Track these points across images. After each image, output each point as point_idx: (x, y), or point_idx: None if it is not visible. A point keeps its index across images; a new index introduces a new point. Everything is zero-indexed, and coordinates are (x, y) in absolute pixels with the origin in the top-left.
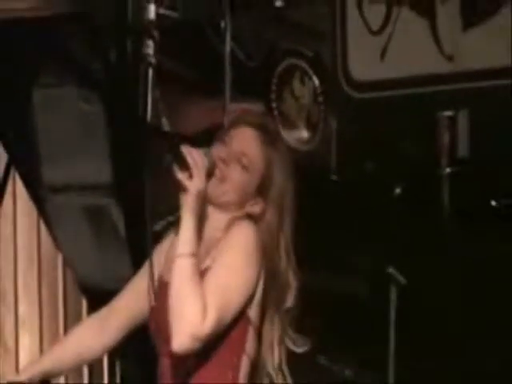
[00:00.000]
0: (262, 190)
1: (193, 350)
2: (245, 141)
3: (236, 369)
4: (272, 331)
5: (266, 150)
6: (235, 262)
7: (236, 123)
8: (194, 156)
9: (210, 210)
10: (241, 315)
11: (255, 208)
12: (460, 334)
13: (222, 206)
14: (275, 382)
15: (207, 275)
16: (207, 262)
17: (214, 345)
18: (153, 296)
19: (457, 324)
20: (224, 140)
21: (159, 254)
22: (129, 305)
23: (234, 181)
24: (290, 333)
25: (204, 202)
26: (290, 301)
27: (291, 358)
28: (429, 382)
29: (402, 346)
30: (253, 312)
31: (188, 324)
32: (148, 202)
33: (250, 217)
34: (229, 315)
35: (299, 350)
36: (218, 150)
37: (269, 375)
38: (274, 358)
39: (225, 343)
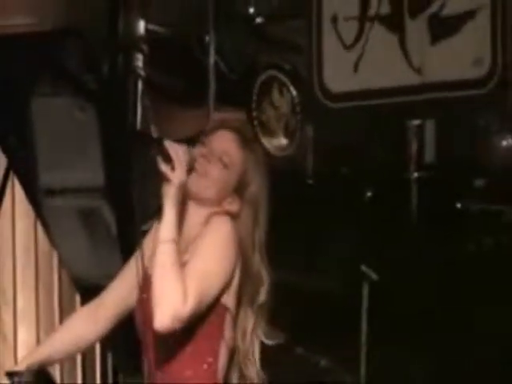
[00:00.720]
0: (239, 189)
1: (173, 330)
2: (225, 142)
3: (215, 355)
4: (246, 322)
5: (244, 151)
6: (213, 251)
7: (215, 128)
8: (176, 150)
9: (190, 205)
10: (219, 302)
11: (232, 206)
12: (428, 325)
13: (201, 202)
14: (244, 370)
15: (188, 263)
16: (186, 257)
17: (195, 332)
18: (139, 289)
19: (425, 316)
20: (205, 142)
21: (145, 250)
22: (117, 297)
23: (215, 177)
24: (263, 325)
25: (184, 195)
26: (263, 295)
27: (270, 348)
28: (399, 371)
29: (373, 338)
30: (230, 300)
31: (170, 305)
32: (137, 204)
33: (227, 213)
34: (207, 299)
35: (270, 342)
36: (199, 149)
37: (239, 363)
38: (244, 345)
39: (204, 330)
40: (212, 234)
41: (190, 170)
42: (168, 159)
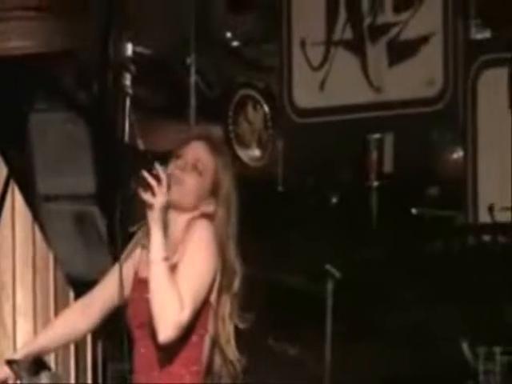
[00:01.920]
0: (213, 191)
1: (177, 337)
2: (197, 150)
3: (200, 346)
4: (224, 309)
5: (215, 157)
6: (199, 255)
7: (187, 140)
8: (154, 176)
9: (172, 213)
10: (204, 299)
11: (209, 207)
12: (385, 319)
13: (181, 209)
14: (226, 352)
15: (178, 269)
16: (175, 258)
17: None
18: (122, 291)
19: (383, 311)
20: (179, 155)
21: (131, 250)
22: (106, 293)
23: (191, 185)
24: (237, 311)
25: (167, 209)
26: (237, 284)
27: (243, 339)
28: (359, 360)
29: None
30: (213, 296)
31: (170, 317)
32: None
33: (204, 215)
34: (200, 300)
35: (244, 325)
36: (175, 162)
37: (221, 347)
38: (224, 331)
39: (191, 326)
40: (196, 239)
41: (169, 187)
42: (148, 187)
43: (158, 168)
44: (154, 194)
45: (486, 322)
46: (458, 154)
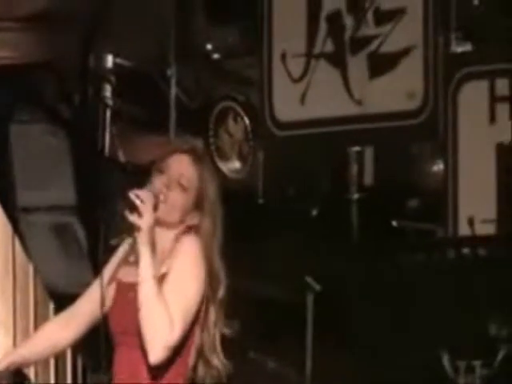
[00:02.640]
0: (198, 204)
1: (166, 359)
2: (180, 165)
3: (186, 359)
4: (210, 317)
5: (198, 169)
6: (188, 272)
7: (170, 152)
8: (140, 197)
9: (158, 228)
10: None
11: (194, 220)
12: (366, 329)
13: (167, 225)
14: (211, 360)
15: (167, 286)
16: (163, 269)
17: None
18: (103, 306)
19: (364, 320)
20: (162, 169)
21: (114, 264)
22: (88, 308)
23: (176, 202)
24: (222, 318)
25: (154, 227)
26: (222, 292)
27: (226, 353)
28: (339, 372)
29: (317, 342)
30: (201, 311)
31: (160, 338)
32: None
33: (190, 228)
34: (191, 318)
35: (229, 331)
36: (160, 179)
37: (205, 355)
38: (209, 339)
39: (180, 341)
40: (184, 255)
41: (156, 206)
42: (134, 208)
43: (144, 188)
44: (140, 215)
45: (466, 335)
46: (439, 167)
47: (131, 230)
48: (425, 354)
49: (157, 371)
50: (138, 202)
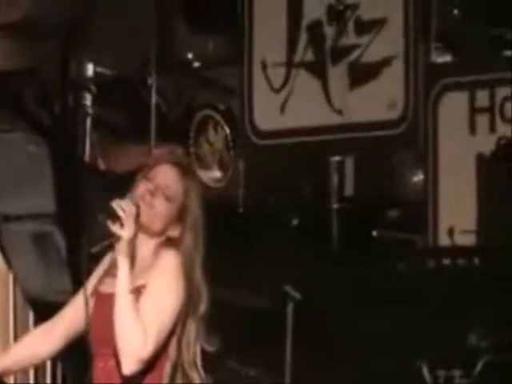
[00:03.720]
0: (180, 216)
1: (140, 370)
2: (167, 175)
3: (160, 372)
4: (190, 333)
5: (184, 182)
6: (165, 288)
7: (157, 162)
8: (123, 207)
9: (140, 236)
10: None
11: (175, 233)
12: (346, 339)
13: (149, 233)
14: (190, 374)
15: (144, 300)
16: (141, 281)
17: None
18: (88, 320)
19: (344, 329)
20: (149, 176)
21: (97, 273)
22: (69, 321)
23: (160, 210)
24: (203, 334)
25: (135, 239)
26: (202, 308)
27: (206, 363)
28: (319, 381)
29: (297, 351)
30: (178, 325)
31: (133, 351)
32: (85, 230)
33: (171, 241)
34: (165, 334)
35: (210, 348)
36: (145, 184)
37: (184, 371)
38: (189, 355)
39: (154, 354)
40: (163, 270)
41: (138, 215)
42: (116, 218)
43: (127, 199)
44: (122, 225)
45: (445, 345)
46: (419, 177)
47: (113, 239)
48: (404, 364)
49: (131, 382)
50: (120, 212)
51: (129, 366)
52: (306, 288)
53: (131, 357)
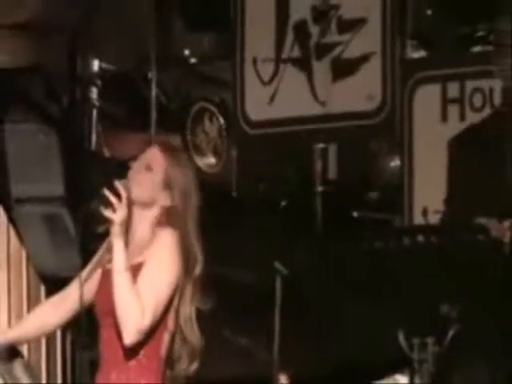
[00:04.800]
0: (167, 185)
1: (140, 340)
2: (150, 153)
3: (159, 339)
4: (186, 292)
5: (165, 154)
6: (163, 264)
7: (146, 148)
8: (115, 193)
9: (134, 211)
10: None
11: (166, 201)
12: (329, 311)
13: (142, 205)
14: (184, 330)
15: (143, 275)
16: (139, 259)
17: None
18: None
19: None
20: (136, 160)
21: (101, 253)
22: (74, 294)
23: (145, 182)
24: (198, 294)
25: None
26: (198, 270)
27: (201, 332)
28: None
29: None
30: (175, 298)
31: (132, 323)
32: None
33: (165, 211)
34: (162, 307)
35: (204, 306)
36: (132, 168)
37: (182, 332)
38: (185, 311)
39: (153, 325)
40: (160, 247)
41: (130, 198)
42: (109, 203)
43: (118, 185)
44: (114, 210)
45: (420, 315)
46: (396, 163)
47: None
48: (383, 333)
49: (133, 351)
50: (112, 198)
51: (129, 337)
52: (293, 264)
53: (130, 328)
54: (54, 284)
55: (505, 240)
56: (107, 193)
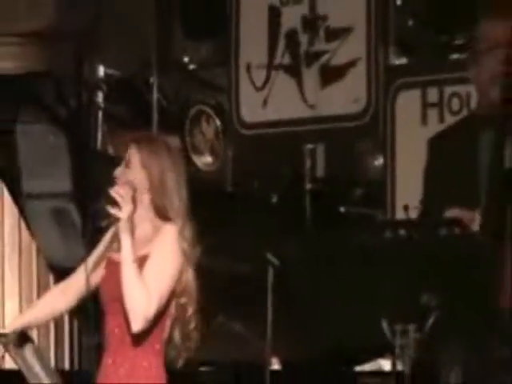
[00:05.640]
0: (154, 182)
1: (146, 327)
2: (128, 153)
3: (161, 327)
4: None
5: (139, 149)
6: (166, 257)
7: (125, 145)
8: (118, 192)
9: (139, 214)
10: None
11: (146, 194)
12: (318, 300)
13: (138, 205)
14: (181, 299)
15: (148, 267)
16: (144, 251)
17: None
18: (88, 285)
19: (317, 290)
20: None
21: (105, 243)
22: (80, 281)
23: (126, 179)
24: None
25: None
26: (197, 251)
27: (198, 316)
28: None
29: (276, 309)
30: (177, 288)
31: (140, 310)
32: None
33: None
34: (166, 296)
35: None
36: (118, 171)
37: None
38: (181, 285)
39: (157, 313)
40: (163, 242)
41: (134, 199)
42: (114, 202)
43: (121, 187)
44: (119, 207)
45: (402, 304)
46: (379, 162)
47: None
48: (368, 321)
49: (137, 336)
50: (116, 197)
51: (136, 325)
52: (284, 255)
53: (138, 316)
54: (62, 272)
55: (474, 228)
56: (112, 192)
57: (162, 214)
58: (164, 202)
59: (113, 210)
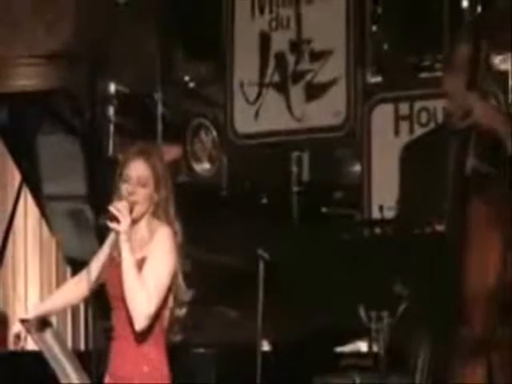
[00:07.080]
0: (157, 187)
1: (148, 324)
2: (137, 169)
3: (160, 317)
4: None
5: (149, 164)
6: (163, 257)
7: (127, 160)
8: (117, 208)
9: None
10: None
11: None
12: (304, 291)
13: (142, 214)
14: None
15: (147, 267)
16: (141, 254)
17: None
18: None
19: (303, 283)
20: (126, 179)
21: (108, 244)
22: (94, 272)
23: (141, 198)
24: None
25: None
26: (179, 237)
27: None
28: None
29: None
30: (173, 282)
31: (141, 309)
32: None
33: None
34: (164, 293)
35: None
36: (125, 188)
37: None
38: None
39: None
40: (160, 243)
41: (131, 209)
42: (114, 217)
43: (120, 203)
44: (118, 222)
45: (377, 293)
46: (357, 168)
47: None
48: (347, 308)
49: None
50: (115, 212)
51: (139, 324)
52: (273, 251)
53: (140, 316)
54: (78, 265)
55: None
56: (111, 208)
57: (164, 220)
58: (168, 210)
59: (112, 225)
